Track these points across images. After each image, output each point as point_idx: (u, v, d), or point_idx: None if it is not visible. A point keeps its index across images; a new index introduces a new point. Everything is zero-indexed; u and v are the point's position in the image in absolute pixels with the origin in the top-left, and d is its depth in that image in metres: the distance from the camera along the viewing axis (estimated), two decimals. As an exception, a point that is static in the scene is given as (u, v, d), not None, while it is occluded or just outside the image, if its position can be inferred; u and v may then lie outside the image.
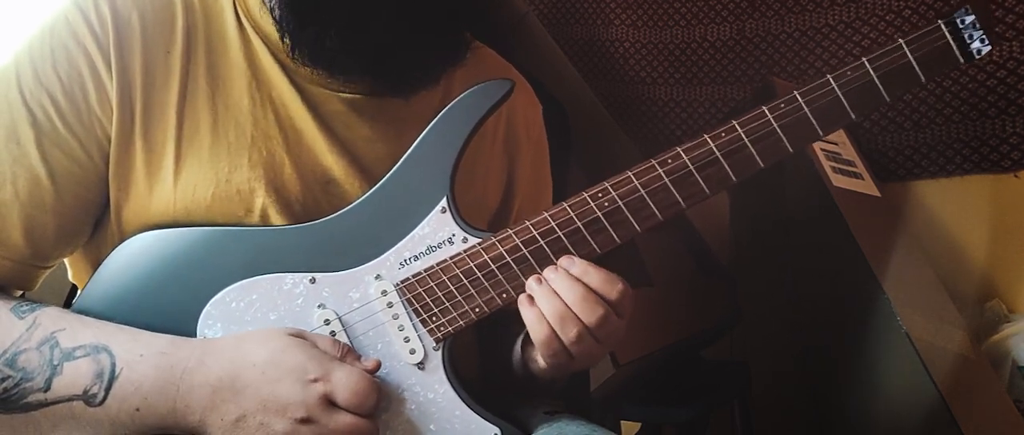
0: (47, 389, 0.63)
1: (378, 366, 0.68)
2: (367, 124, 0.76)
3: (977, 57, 0.62)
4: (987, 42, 0.61)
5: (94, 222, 0.73)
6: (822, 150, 1.40)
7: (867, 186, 1.47)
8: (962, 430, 1.17)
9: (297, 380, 0.63)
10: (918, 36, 0.63)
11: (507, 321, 0.79)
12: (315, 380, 0.63)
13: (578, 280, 0.67)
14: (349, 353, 0.67)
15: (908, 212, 1.61)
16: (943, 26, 0.62)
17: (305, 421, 0.62)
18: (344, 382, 0.63)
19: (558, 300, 0.66)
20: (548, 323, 0.67)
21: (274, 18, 0.70)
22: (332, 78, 0.72)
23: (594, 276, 0.67)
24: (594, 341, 0.68)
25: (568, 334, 0.67)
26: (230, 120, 0.71)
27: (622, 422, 1.54)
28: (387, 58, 0.69)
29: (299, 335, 0.67)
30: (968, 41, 0.62)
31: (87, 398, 0.63)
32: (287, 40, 0.69)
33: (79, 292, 0.76)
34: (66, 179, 0.69)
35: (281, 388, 0.62)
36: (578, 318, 0.66)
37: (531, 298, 0.68)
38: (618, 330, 0.69)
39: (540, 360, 0.72)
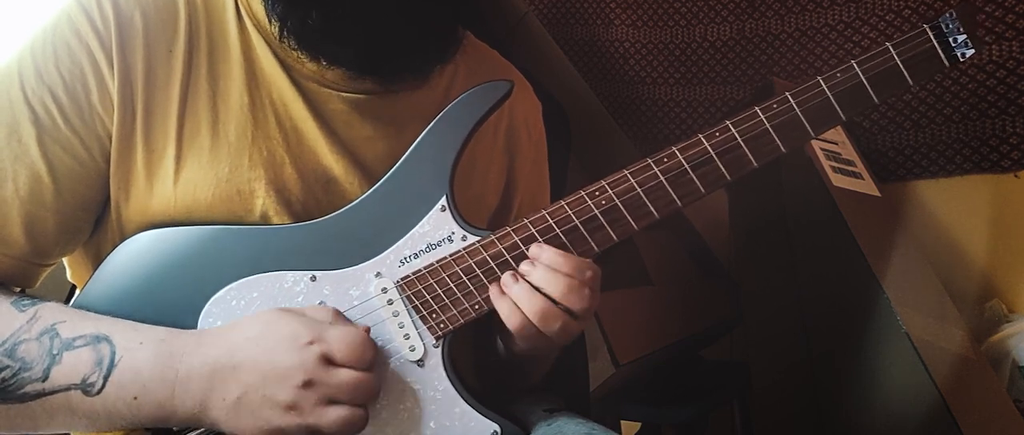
0: (45, 379, 0.63)
1: (368, 330, 0.68)
2: (368, 124, 0.76)
3: (962, 60, 0.63)
4: (971, 46, 0.62)
5: (95, 220, 0.73)
6: (822, 150, 1.41)
7: (867, 186, 1.47)
8: (962, 430, 1.18)
9: (292, 345, 0.63)
10: (904, 39, 0.64)
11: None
12: (310, 342, 0.63)
13: (557, 271, 0.67)
14: (338, 317, 0.68)
15: (908, 212, 1.62)
16: (928, 30, 0.64)
17: (307, 384, 0.62)
18: (339, 338, 0.64)
19: (539, 297, 0.67)
20: (523, 314, 0.68)
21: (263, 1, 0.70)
22: (317, 62, 0.72)
23: (569, 264, 0.68)
24: (574, 323, 0.69)
25: (551, 327, 0.67)
26: (230, 119, 0.72)
27: (622, 422, 1.54)
28: (373, 45, 0.69)
29: (287, 309, 0.67)
30: (953, 45, 0.63)
31: (85, 387, 0.63)
32: (275, 21, 0.70)
33: (78, 291, 0.76)
34: (67, 177, 0.69)
35: (277, 356, 0.63)
36: (563, 311, 0.67)
37: (501, 290, 0.69)
38: (594, 306, 0.70)
39: (517, 343, 0.72)
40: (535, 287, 0.67)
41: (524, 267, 0.69)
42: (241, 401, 0.63)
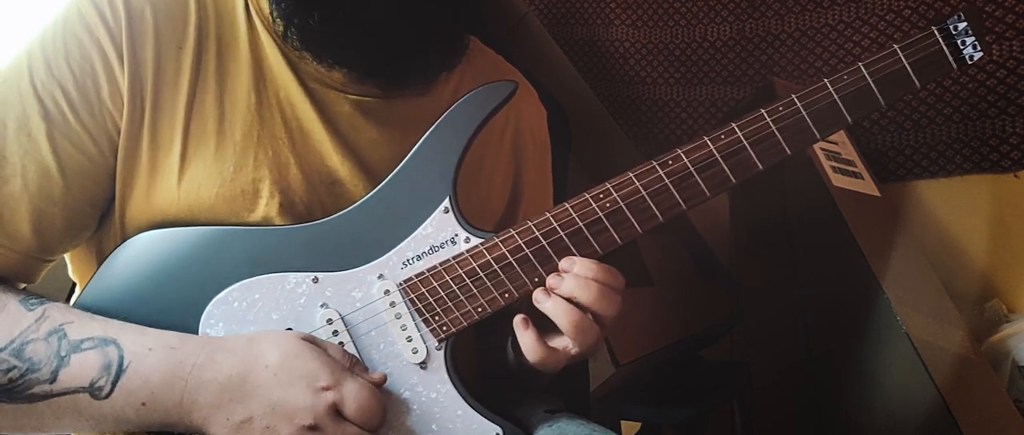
0: (53, 380, 0.63)
1: (384, 380, 0.68)
2: (374, 126, 0.76)
3: (969, 62, 0.63)
4: (979, 48, 0.62)
5: (101, 216, 0.73)
6: (822, 150, 1.41)
7: (867, 186, 1.47)
8: (962, 430, 1.18)
9: (308, 386, 0.63)
10: (912, 41, 0.64)
11: (501, 317, 0.79)
12: (326, 388, 0.63)
13: (589, 279, 0.68)
14: (356, 364, 0.68)
15: (908, 212, 1.62)
16: (936, 32, 0.63)
17: (312, 428, 0.62)
18: (355, 394, 0.63)
19: (573, 310, 0.68)
20: (542, 345, 0.69)
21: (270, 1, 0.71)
22: (321, 63, 0.72)
23: (602, 272, 0.68)
24: (600, 334, 0.69)
25: (587, 340, 0.68)
26: (237, 119, 0.72)
27: (622, 422, 1.54)
28: (374, 48, 0.69)
29: (310, 340, 0.67)
30: (961, 47, 0.63)
31: (93, 391, 0.63)
32: (280, 20, 0.70)
33: (79, 289, 0.76)
34: (75, 172, 0.69)
35: (292, 393, 0.62)
36: (595, 321, 0.68)
37: (526, 321, 0.70)
38: (617, 316, 0.70)
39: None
40: (566, 298, 0.68)
41: (552, 280, 0.69)
42: (243, 426, 0.62)
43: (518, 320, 0.70)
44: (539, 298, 0.69)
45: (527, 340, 0.69)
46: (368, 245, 0.70)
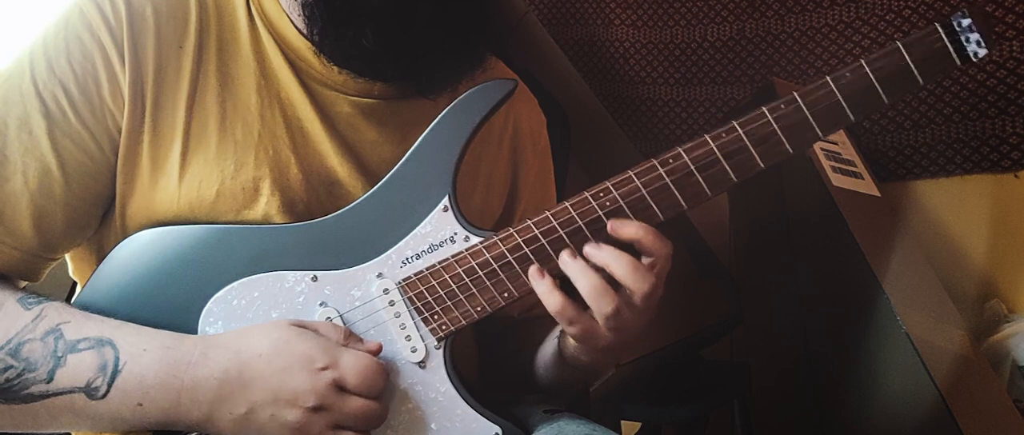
0: (49, 380, 0.63)
1: (380, 348, 0.68)
2: (374, 127, 0.76)
3: (974, 60, 0.62)
4: (984, 45, 0.61)
5: (102, 214, 0.73)
6: (822, 150, 1.41)
7: (867, 186, 1.47)
8: (962, 430, 1.18)
9: (305, 369, 0.63)
10: (915, 38, 0.63)
11: (515, 324, 0.78)
12: (324, 368, 0.63)
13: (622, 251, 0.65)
14: (350, 337, 0.68)
15: (908, 212, 1.62)
16: (940, 29, 0.62)
17: (317, 409, 0.62)
18: (353, 366, 0.64)
19: (592, 274, 0.64)
20: (560, 295, 0.65)
21: (305, 16, 0.70)
22: (358, 79, 0.73)
23: (648, 237, 0.65)
24: (628, 313, 0.66)
25: (604, 308, 0.64)
26: (238, 118, 0.72)
27: (622, 422, 1.54)
28: (420, 60, 0.70)
29: (300, 325, 0.67)
30: (965, 44, 0.62)
31: (89, 391, 0.63)
32: (316, 38, 0.70)
33: (79, 288, 0.76)
34: (76, 171, 0.69)
35: (290, 378, 0.63)
36: (614, 292, 0.64)
37: (541, 271, 0.67)
38: (658, 296, 0.67)
39: (570, 345, 0.70)
40: (595, 266, 0.65)
41: (589, 248, 0.66)
42: (248, 417, 0.63)
43: (533, 269, 0.67)
44: (565, 259, 0.66)
45: (543, 288, 0.66)
46: (367, 243, 0.70)
